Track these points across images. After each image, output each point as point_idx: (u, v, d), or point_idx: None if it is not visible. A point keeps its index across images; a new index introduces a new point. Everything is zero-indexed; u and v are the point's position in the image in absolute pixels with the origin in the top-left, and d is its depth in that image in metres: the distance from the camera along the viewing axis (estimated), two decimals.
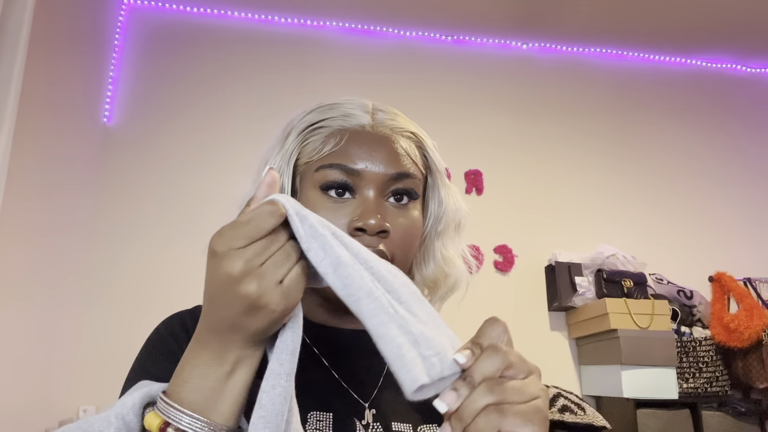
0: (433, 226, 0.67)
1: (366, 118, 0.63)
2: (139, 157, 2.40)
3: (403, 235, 0.60)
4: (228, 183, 2.40)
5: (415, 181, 0.62)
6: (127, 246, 2.27)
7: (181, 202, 2.36)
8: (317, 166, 0.60)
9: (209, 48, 2.60)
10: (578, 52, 2.93)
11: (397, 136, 0.63)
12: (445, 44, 2.83)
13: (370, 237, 0.57)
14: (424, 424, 0.59)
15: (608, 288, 2.27)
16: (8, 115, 1.50)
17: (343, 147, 0.60)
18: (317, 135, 0.62)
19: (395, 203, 0.61)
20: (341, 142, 0.60)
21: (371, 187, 0.59)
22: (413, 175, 0.62)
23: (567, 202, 2.65)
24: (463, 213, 0.69)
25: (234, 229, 0.41)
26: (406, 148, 0.63)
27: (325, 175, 0.59)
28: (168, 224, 2.32)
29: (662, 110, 2.91)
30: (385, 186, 0.60)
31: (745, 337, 2.11)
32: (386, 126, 0.63)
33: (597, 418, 1.95)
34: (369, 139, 0.61)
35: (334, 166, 0.59)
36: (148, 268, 2.25)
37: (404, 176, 0.60)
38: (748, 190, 2.83)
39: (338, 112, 0.63)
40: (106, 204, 2.31)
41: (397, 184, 0.60)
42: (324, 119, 0.62)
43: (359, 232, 0.57)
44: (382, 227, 0.57)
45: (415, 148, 0.65)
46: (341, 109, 0.63)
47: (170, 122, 2.47)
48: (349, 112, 0.62)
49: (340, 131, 0.61)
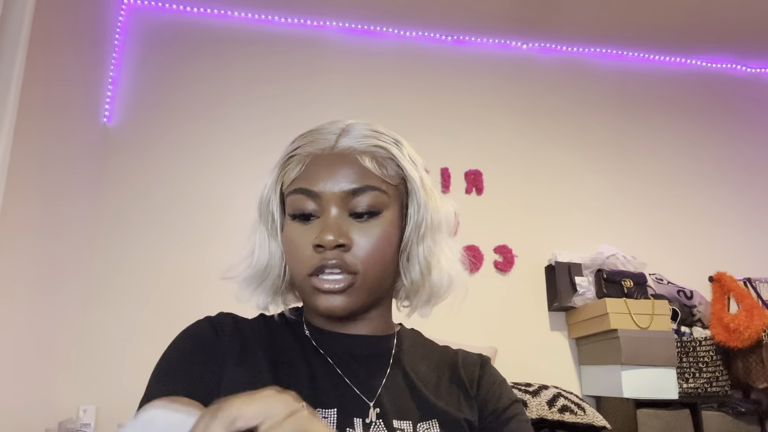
0: (413, 232, 0.68)
1: (331, 140, 0.65)
2: (139, 157, 2.40)
3: (367, 249, 0.62)
4: (228, 183, 2.40)
5: (376, 193, 0.63)
6: (126, 246, 2.27)
7: (181, 202, 2.36)
8: (287, 193, 0.65)
9: (209, 48, 2.60)
10: (578, 52, 2.93)
11: (357, 151, 0.65)
12: (445, 44, 2.83)
13: (330, 251, 0.60)
14: (423, 421, 0.62)
15: (608, 288, 2.27)
16: (8, 115, 1.50)
17: (304, 172, 0.64)
18: (291, 163, 0.66)
19: (355, 219, 0.63)
20: (303, 167, 0.64)
21: (331, 206, 0.62)
22: (374, 187, 0.63)
23: (567, 202, 2.65)
24: (444, 215, 0.70)
25: None
26: (367, 163, 0.64)
27: (292, 201, 0.64)
28: (168, 224, 2.32)
29: (662, 110, 2.91)
30: (344, 202, 0.62)
31: (745, 337, 2.11)
32: (347, 146, 0.65)
33: (597, 418, 1.96)
34: (327, 160, 0.64)
35: (297, 191, 0.63)
36: (148, 268, 2.25)
37: (361, 191, 0.62)
38: (749, 191, 2.83)
39: (308, 138, 0.66)
40: (105, 204, 2.31)
41: (355, 200, 0.63)
42: (296, 148, 0.66)
43: (319, 248, 0.60)
44: (337, 242, 0.60)
45: (383, 160, 0.66)
46: (313, 135, 0.67)
47: (170, 122, 2.47)
48: (316, 138, 0.66)
49: (304, 157, 0.65)
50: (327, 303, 0.61)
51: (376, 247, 0.63)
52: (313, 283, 0.61)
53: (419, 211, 0.68)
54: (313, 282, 0.61)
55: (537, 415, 1.88)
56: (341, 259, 0.60)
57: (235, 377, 0.60)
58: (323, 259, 0.60)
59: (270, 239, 0.69)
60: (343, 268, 0.60)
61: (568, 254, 2.44)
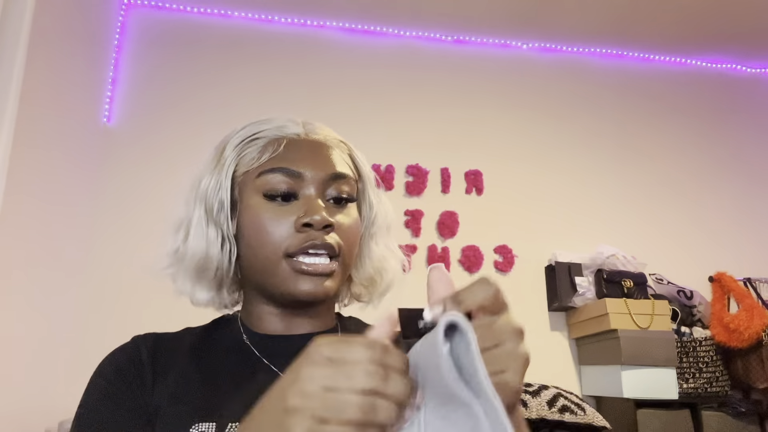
0: (366, 229, 0.71)
1: (299, 128, 0.67)
2: (139, 157, 2.40)
3: (347, 231, 0.63)
4: None
5: (350, 182, 0.65)
6: (127, 246, 2.27)
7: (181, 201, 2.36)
8: (258, 173, 0.63)
9: (209, 48, 2.60)
10: (578, 52, 2.93)
11: (330, 142, 0.67)
12: (446, 44, 2.83)
13: (317, 231, 0.59)
14: None
15: (608, 288, 2.27)
16: (8, 115, 1.50)
17: (282, 153, 0.63)
18: (253, 146, 0.65)
19: (335, 204, 0.64)
20: (279, 149, 0.63)
21: (312, 187, 0.62)
22: (348, 176, 0.65)
23: (567, 202, 2.65)
24: (391, 215, 0.74)
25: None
26: (339, 153, 0.67)
27: (267, 180, 0.62)
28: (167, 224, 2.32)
29: (662, 110, 2.91)
30: (325, 187, 0.63)
31: (745, 338, 2.11)
32: (318, 134, 0.67)
33: (597, 418, 1.95)
34: (306, 145, 0.65)
35: (276, 170, 0.62)
36: (147, 268, 2.25)
37: (341, 177, 0.64)
38: (749, 191, 2.83)
39: (271, 124, 0.66)
40: (105, 204, 2.31)
41: (335, 185, 0.64)
42: (259, 131, 0.66)
43: (306, 228, 0.59)
44: (327, 221, 0.59)
45: (347, 156, 0.69)
46: (273, 122, 0.67)
47: (170, 122, 2.47)
48: (282, 124, 0.66)
49: (276, 140, 0.64)
50: (311, 286, 0.59)
51: (354, 233, 0.64)
52: (294, 265, 0.59)
53: (371, 209, 0.71)
54: (294, 263, 0.59)
55: (537, 415, 1.88)
56: (325, 242, 0.59)
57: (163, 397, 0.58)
58: (309, 239, 0.59)
59: (208, 226, 0.65)
60: (328, 250, 0.60)
61: (568, 254, 2.44)
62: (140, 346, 0.62)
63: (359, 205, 0.70)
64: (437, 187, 2.56)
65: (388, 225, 0.73)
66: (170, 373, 0.60)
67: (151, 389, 0.58)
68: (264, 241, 0.60)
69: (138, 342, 0.63)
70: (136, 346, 0.63)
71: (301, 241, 0.59)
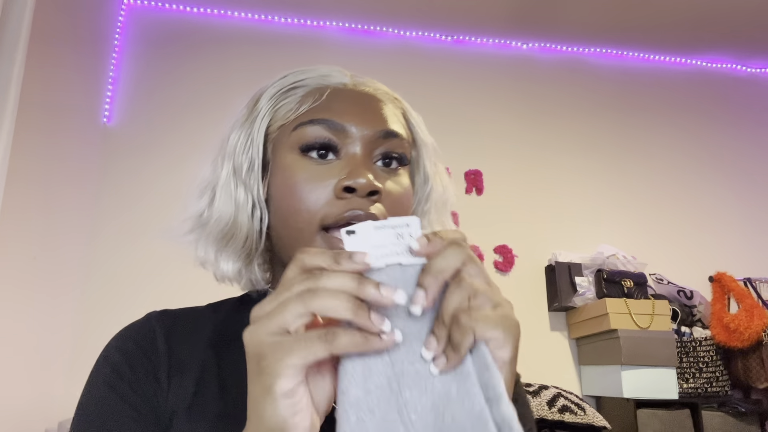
0: (419, 204, 0.61)
1: (346, 77, 0.57)
2: (139, 157, 2.40)
3: (395, 202, 0.52)
4: None
5: (404, 144, 0.55)
6: (126, 246, 2.27)
7: (181, 202, 2.36)
8: (295, 125, 0.53)
9: (209, 48, 2.60)
10: (578, 52, 2.93)
11: (382, 97, 0.57)
12: (445, 44, 2.83)
13: (360, 199, 0.49)
14: None
15: (608, 288, 2.27)
16: (8, 115, 1.50)
17: (325, 102, 0.53)
18: (292, 96, 0.55)
19: (383, 167, 0.54)
20: (322, 98, 0.53)
21: (358, 145, 0.52)
22: (402, 137, 0.54)
23: (567, 202, 2.65)
24: (450, 193, 0.63)
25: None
26: (392, 109, 0.57)
27: (305, 133, 0.52)
28: (168, 223, 2.32)
29: (662, 110, 2.91)
30: (373, 146, 0.53)
31: (745, 337, 2.11)
32: (368, 86, 0.57)
33: (597, 419, 1.95)
34: (353, 96, 0.54)
35: (316, 122, 0.52)
36: (148, 268, 2.25)
37: (393, 135, 0.53)
38: (749, 190, 2.83)
39: (314, 72, 0.56)
40: (105, 204, 2.31)
41: (387, 145, 0.53)
42: (299, 80, 0.56)
43: (347, 192, 0.49)
44: (374, 187, 0.49)
45: (400, 114, 0.58)
46: (316, 70, 0.57)
47: (170, 122, 2.47)
48: (327, 72, 0.56)
49: (318, 89, 0.54)
50: None
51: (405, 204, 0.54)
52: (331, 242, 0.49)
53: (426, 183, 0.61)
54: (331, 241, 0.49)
55: (537, 416, 1.88)
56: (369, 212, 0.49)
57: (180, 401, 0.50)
58: (349, 208, 0.49)
59: (237, 188, 0.55)
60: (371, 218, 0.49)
61: (568, 254, 2.44)
62: (156, 330, 0.54)
63: (411, 175, 0.59)
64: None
65: (444, 202, 0.63)
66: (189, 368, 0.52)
67: (166, 387, 0.50)
68: (296, 207, 0.50)
69: (153, 323, 0.55)
70: (151, 328, 0.54)
71: (341, 210, 0.49)
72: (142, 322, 0.55)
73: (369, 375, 0.36)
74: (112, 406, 0.48)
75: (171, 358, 0.52)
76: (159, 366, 0.51)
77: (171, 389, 0.50)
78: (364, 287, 0.35)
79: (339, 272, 0.36)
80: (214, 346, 0.54)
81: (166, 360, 0.51)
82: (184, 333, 0.55)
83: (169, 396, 0.50)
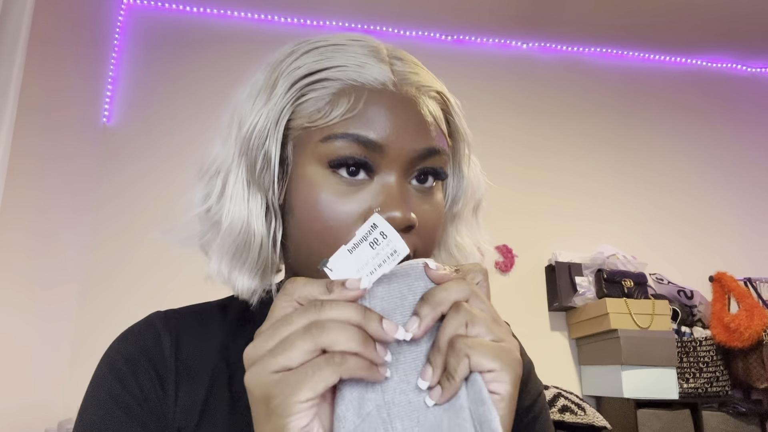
0: (449, 208, 0.55)
1: (385, 71, 0.47)
2: (139, 157, 2.39)
3: (429, 227, 0.47)
4: None
5: (444, 158, 0.48)
6: (126, 246, 2.27)
7: (181, 202, 2.36)
8: (325, 135, 0.45)
9: (209, 48, 2.60)
10: (579, 51, 2.93)
11: (424, 96, 0.49)
12: (445, 44, 2.83)
13: None
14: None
15: (608, 288, 2.27)
16: (8, 115, 1.50)
17: (362, 111, 0.44)
18: (320, 91, 0.46)
19: (419, 185, 0.47)
20: (358, 105, 0.45)
21: (395, 167, 0.45)
22: (443, 150, 0.48)
23: (567, 202, 2.65)
24: (482, 191, 0.58)
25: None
26: (434, 113, 0.49)
27: (336, 148, 0.44)
28: (167, 224, 2.32)
29: (663, 110, 2.90)
30: (411, 165, 0.46)
31: (745, 337, 2.11)
32: (411, 83, 0.48)
33: (597, 419, 1.95)
34: (395, 103, 0.46)
35: (350, 137, 0.44)
36: (148, 269, 2.25)
37: (434, 153, 0.47)
38: (749, 190, 2.83)
39: (346, 59, 0.47)
40: (105, 204, 2.31)
41: (427, 162, 0.47)
42: (329, 68, 0.46)
43: None
44: (409, 222, 0.43)
45: (441, 112, 0.51)
46: (348, 55, 0.47)
47: (170, 122, 2.47)
48: (362, 61, 0.47)
49: (354, 88, 0.45)
50: None
51: (435, 227, 0.48)
52: None
53: (461, 182, 0.55)
54: None
55: None
56: None
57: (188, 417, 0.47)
58: None
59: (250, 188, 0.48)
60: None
61: (569, 254, 2.44)
62: (161, 333, 0.50)
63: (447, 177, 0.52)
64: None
65: (476, 203, 0.58)
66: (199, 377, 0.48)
67: (173, 397, 0.47)
68: (320, 228, 0.44)
69: (158, 326, 0.50)
70: (155, 332, 0.50)
71: None
72: (145, 324, 0.51)
73: (362, 402, 0.36)
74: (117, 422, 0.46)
75: (178, 366, 0.48)
76: (166, 374, 0.48)
77: (179, 400, 0.47)
78: (369, 322, 0.35)
79: (342, 303, 0.35)
80: (224, 350, 0.51)
81: (173, 367, 0.48)
82: (192, 337, 0.51)
83: (177, 408, 0.47)
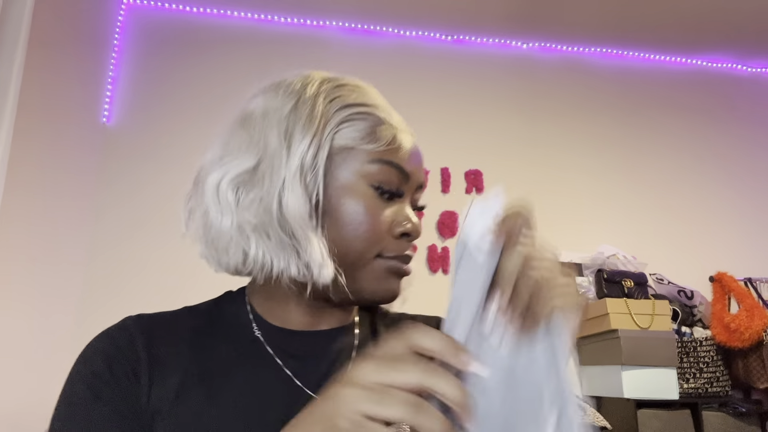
0: None
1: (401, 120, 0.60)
2: (139, 157, 2.39)
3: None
4: None
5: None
6: (126, 246, 2.27)
7: (181, 202, 2.36)
8: (373, 158, 0.54)
9: (209, 48, 2.60)
10: (579, 51, 2.93)
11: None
12: (445, 44, 2.83)
13: (408, 243, 0.57)
14: None
15: (609, 288, 2.26)
16: (8, 114, 1.50)
17: (400, 144, 0.56)
18: (362, 122, 0.55)
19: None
20: (397, 140, 0.56)
21: (410, 192, 0.58)
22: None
23: (567, 202, 2.65)
24: None
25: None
26: None
27: (381, 172, 0.54)
28: (167, 224, 2.32)
29: (663, 110, 2.90)
30: (416, 194, 0.60)
31: (745, 338, 2.10)
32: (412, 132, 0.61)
33: (597, 419, 1.95)
34: (411, 141, 0.59)
35: (394, 165, 0.55)
36: (148, 268, 2.25)
37: (422, 188, 0.61)
38: (749, 190, 2.83)
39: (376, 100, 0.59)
40: (105, 204, 2.30)
41: (418, 194, 0.60)
42: (366, 103, 0.57)
43: (404, 237, 0.56)
44: (419, 235, 0.58)
45: None
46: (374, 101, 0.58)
47: (170, 122, 2.47)
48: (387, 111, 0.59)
49: (389, 126, 0.56)
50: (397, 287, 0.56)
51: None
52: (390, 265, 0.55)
53: None
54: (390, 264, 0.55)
55: None
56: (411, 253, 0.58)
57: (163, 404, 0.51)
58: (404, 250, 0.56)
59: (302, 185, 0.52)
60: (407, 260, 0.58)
61: (569, 254, 2.44)
62: (134, 332, 0.54)
63: None
64: (437, 187, 2.56)
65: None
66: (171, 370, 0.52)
67: (147, 387, 0.51)
68: (360, 234, 0.53)
69: (130, 326, 0.55)
70: (128, 332, 0.54)
71: (398, 250, 0.56)
72: (119, 326, 0.56)
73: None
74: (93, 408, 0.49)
75: (151, 360, 0.52)
76: (139, 368, 0.52)
77: (153, 389, 0.51)
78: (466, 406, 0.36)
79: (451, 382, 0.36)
80: (193, 347, 0.55)
81: (146, 362, 0.52)
82: (163, 335, 0.55)
83: (152, 395, 0.51)
